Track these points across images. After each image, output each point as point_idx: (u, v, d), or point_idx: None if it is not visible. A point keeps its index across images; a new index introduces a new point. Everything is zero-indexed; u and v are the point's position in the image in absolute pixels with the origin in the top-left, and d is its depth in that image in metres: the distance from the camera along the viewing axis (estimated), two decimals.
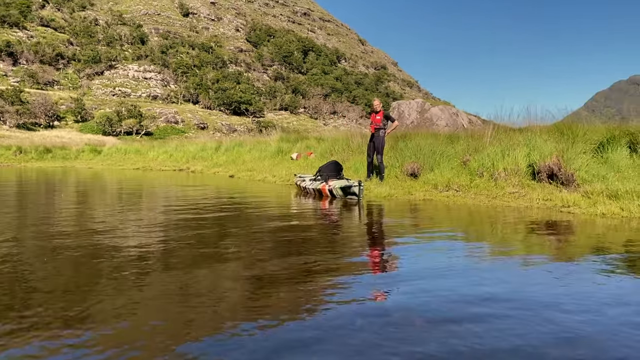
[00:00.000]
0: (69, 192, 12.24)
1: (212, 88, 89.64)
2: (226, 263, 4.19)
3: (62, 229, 5.99)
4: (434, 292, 3.33)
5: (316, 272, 3.85)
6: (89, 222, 6.77)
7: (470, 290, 3.35)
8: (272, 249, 4.84)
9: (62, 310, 2.94)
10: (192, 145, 27.71)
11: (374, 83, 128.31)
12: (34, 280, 3.64)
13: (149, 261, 4.23)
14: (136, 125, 68.02)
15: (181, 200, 9.93)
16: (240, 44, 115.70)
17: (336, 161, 10.86)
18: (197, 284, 3.49)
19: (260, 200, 9.95)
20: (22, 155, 32.22)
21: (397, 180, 10.70)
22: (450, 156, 10.81)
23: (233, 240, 5.38)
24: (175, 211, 8.04)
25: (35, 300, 3.14)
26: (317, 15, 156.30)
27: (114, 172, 21.95)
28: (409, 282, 3.57)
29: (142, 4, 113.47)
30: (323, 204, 8.86)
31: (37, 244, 4.99)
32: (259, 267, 4.02)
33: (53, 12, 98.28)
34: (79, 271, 3.90)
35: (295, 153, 18.56)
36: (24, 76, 77.50)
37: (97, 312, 2.93)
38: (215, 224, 6.60)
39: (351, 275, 3.77)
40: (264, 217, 7.33)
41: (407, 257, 4.47)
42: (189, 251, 4.68)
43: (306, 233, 5.84)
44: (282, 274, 3.76)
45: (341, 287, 3.43)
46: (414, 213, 7.63)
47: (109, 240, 5.17)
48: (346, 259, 4.42)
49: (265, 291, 3.38)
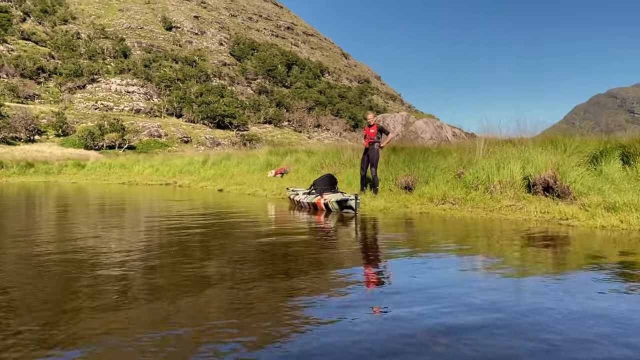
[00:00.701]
0: (56, 208, 11.95)
1: (196, 102, 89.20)
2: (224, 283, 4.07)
3: (50, 247, 5.80)
4: (438, 307, 3.25)
5: (314, 289, 3.75)
6: (78, 240, 6.57)
7: (477, 301, 3.29)
8: (269, 266, 4.72)
9: (42, 332, 2.86)
10: (179, 159, 27.44)
11: (357, 96, 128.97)
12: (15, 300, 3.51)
13: (138, 282, 4.08)
14: (119, 139, 67.30)
15: (174, 216, 9.74)
16: (224, 58, 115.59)
17: (331, 174, 10.78)
18: (182, 312, 3.37)
19: (253, 215, 9.81)
20: (3, 170, 31.51)
21: (391, 193, 10.66)
22: (444, 169, 10.81)
23: (226, 257, 5.25)
24: (169, 228, 7.87)
25: (14, 321, 3.06)
26: (300, 29, 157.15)
27: (99, 187, 21.58)
28: (413, 297, 3.48)
29: (124, 17, 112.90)
30: (318, 218, 8.76)
31: (21, 262, 4.80)
32: (249, 285, 3.90)
33: (34, 25, 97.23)
34: (65, 289, 3.74)
35: (272, 171, 18.33)
36: (4, 90, 76.31)
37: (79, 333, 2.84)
38: (208, 240, 6.45)
39: (350, 289, 3.68)
40: (259, 233, 7.20)
41: (412, 271, 4.39)
42: (190, 272, 4.54)
43: (303, 248, 5.74)
44: (280, 292, 3.65)
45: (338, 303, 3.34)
46: (411, 227, 7.57)
47: (101, 259, 5.00)
48: (346, 276, 4.32)
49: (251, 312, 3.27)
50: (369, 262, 5.11)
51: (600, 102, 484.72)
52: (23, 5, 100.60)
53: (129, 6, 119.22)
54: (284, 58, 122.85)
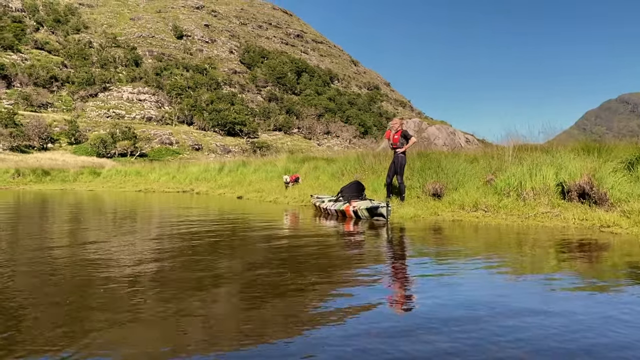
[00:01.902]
0: (80, 215, 11.92)
1: (207, 109, 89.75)
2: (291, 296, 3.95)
3: (81, 258, 5.72)
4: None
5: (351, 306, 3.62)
6: (107, 248, 6.48)
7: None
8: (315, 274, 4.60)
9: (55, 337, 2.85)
10: (195, 166, 27.43)
11: (367, 103, 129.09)
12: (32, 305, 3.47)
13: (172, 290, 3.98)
14: (131, 146, 67.76)
15: (201, 222, 9.64)
16: (234, 66, 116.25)
17: (358, 181, 10.64)
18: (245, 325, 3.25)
19: (280, 223, 9.70)
20: (20, 178, 31.74)
21: (419, 200, 10.50)
22: (472, 175, 10.64)
23: (273, 265, 5.14)
24: (208, 236, 7.77)
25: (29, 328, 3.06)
26: (310, 37, 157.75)
27: (116, 195, 21.60)
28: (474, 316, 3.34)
29: (136, 26, 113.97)
30: (347, 226, 8.63)
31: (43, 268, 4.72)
32: (291, 290, 3.79)
33: (47, 35, 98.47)
34: (87, 296, 3.65)
35: (286, 176, 18.04)
36: (18, 99, 77.27)
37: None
38: (243, 249, 6.34)
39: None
40: (299, 241, 7.09)
41: (458, 284, 4.24)
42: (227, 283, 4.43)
43: (342, 257, 5.61)
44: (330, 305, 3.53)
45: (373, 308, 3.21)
46: (448, 235, 7.41)
47: (141, 269, 4.91)
48: (389, 285, 4.19)
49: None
50: (419, 275, 4.97)
51: (611, 107, 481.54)
52: (36, 16, 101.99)
53: (140, 15, 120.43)
54: (293, 65, 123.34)
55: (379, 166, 14.10)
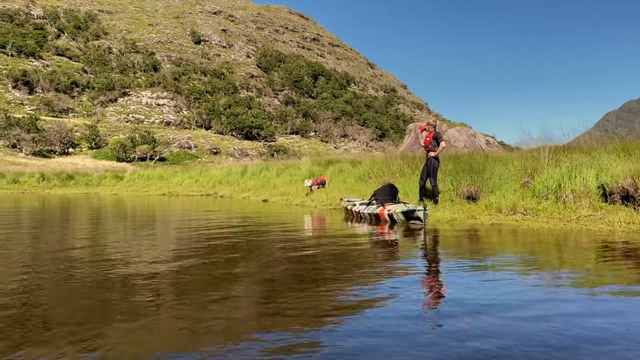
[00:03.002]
0: (110, 219, 11.96)
1: (224, 113, 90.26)
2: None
3: (117, 259, 5.67)
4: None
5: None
6: (144, 250, 6.44)
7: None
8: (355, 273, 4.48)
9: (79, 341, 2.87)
10: (217, 170, 27.51)
11: (383, 106, 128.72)
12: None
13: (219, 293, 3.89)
14: (150, 151, 68.38)
15: (236, 230, 9.58)
16: (251, 70, 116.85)
17: (392, 184, 10.48)
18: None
19: (316, 227, 9.60)
20: (45, 182, 32.20)
21: (453, 203, 10.32)
22: (508, 178, 10.44)
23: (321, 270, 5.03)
24: (248, 241, 7.70)
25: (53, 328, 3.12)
26: (326, 40, 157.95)
27: (141, 198, 21.73)
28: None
29: (154, 32, 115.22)
30: (384, 230, 8.49)
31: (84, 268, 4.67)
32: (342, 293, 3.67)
33: (68, 41, 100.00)
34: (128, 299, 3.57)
35: (308, 180, 17.79)
36: (40, 104, 78.54)
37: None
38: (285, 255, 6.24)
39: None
40: (340, 245, 6.98)
41: (527, 291, 4.09)
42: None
43: (386, 261, 5.49)
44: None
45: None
46: (491, 239, 7.24)
47: (184, 275, 4.84)
48: (441, 290, 4.05)
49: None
50: (468, 282, 4.81)
51: (632, 108, 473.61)
52: (57, 22, 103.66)
53: (158, 21, 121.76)
54: (310, 69, 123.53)
55: (407, 169, 13.94)
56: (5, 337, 2.94)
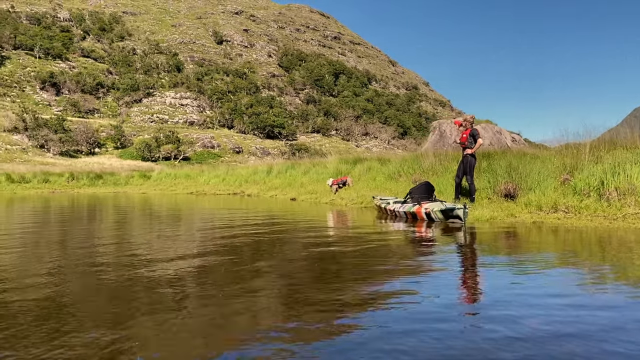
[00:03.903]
0: (145, 217, 12.05)
1: (246, 113, 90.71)
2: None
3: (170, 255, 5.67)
4: None
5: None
6: (186, 246, 6.44)
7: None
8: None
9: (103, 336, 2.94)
10: (243, 169, 27.64)
11: (405, 103, 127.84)
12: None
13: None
14: (174, 150, 69.10)
15: (272, 229, 9.55)
16: (273, 69, 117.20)
17: (428, 182, 10.33)
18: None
19: (354, 226, 9.51)
20: (74, 182, 32.76)
21: (490, 202, 10.14)
22: (547, 175, 10.20)
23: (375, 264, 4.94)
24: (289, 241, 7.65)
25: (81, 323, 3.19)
26: (347, 38, 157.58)
27: (170, 197, 21.92)
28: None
29: (177, 33, 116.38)
30: (420, 227, 8.37)
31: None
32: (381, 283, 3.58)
33: (93, 43, 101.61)
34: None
35: (331, 179, 17.61)
36: (67, 105, 79.96)
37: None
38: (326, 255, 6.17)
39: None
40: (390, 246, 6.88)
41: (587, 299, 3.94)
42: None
43: (437, 269, 5.38)
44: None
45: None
46: (535, 237, 7.06)
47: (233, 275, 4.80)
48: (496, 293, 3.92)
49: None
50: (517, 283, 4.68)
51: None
52: (83, 25, 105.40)
53: (181, 22, 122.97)
54: (331, 67, 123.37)
55: (439, 166, 13.76)
56: (35, 328, 3.06)
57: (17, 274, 4.73)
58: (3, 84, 78.60)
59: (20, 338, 2.89)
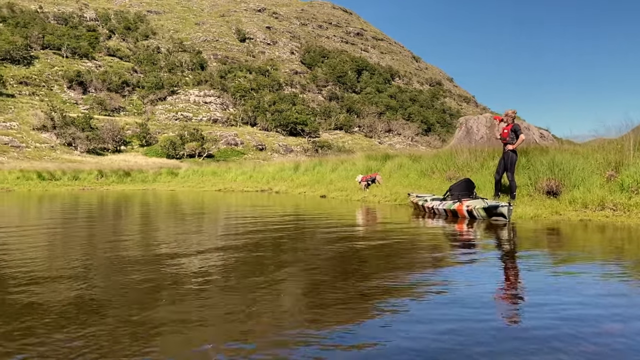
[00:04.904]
0: (181, 215, 12.09)
1: (269, 110, 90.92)
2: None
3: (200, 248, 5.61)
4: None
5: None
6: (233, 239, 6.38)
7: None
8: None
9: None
10: (270, 166, 27.67)
11: (429, 99, 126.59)
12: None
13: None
14: (198, 148, 69.67)
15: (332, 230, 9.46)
16: (295, 66, 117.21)
17: (469, 179, 10.11)
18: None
19: (393, 223, 9.37)
20: (103, 179, 33.24)
21: (532, 199, 9.88)
22: (591, 172, 9.89)
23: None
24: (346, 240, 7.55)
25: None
26: (370, 34, 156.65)
27: (199, 194, 22.04)
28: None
29: (201, 31, 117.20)
30: (460, 226, 8.17)
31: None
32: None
33: (119, 42, 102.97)
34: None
35: (360, 175, 17.46)
36: (93, 104, 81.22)
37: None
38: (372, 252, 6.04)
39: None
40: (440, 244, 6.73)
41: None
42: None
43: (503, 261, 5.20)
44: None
45: None
46: (585, 236, 6.83)
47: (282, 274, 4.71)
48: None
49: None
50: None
51: None
52: (109, 24, 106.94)
53: (204, 20, 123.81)
54: (354, 64, 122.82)
55: (475, 163, 13.50)
56: (62, 316, 3.22)
57: (61, 264, 4.77)
58: (32, 83, 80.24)
59: (54, 327, 3.03)
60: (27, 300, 3.60)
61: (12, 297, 3.69)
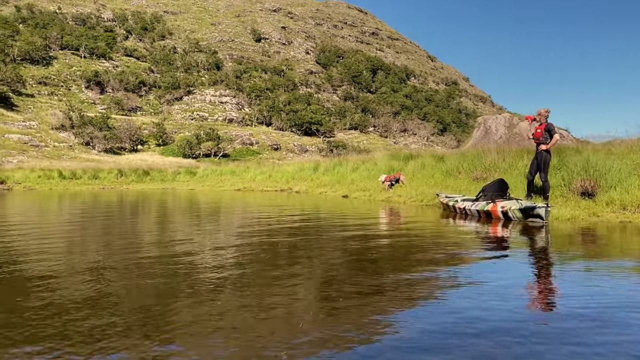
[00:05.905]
0: (207, 213, 12.05)
1: (284, 110, 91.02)
2: None
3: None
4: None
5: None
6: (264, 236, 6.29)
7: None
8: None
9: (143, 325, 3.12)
10: (290, 165, 27.61)
11: (445, 99, 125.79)
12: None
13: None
14: (214, 147, 69.94)
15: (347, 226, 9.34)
16: (310, 66, 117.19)
17: (502, 180, 9.92)
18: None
19: (426, 226, 9.22)
20: (123, 178, 33.44)
21: (566, 200, 9.66)
22: (627, 172, 9.65)
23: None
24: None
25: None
26: (385, 34, 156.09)
27: (219, 194, 22.04)
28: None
29: (217, 31, 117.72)
30: (494, 228, 8.00)
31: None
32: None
33: (135, 42, 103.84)
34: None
35: (383, 175, 17.31)
36: (110, 103, 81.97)
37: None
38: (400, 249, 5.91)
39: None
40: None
41: None
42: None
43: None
44: None
45: None
46: (628, 238, 6.62)
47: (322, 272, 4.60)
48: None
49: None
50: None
51: None
52: (126, 25, 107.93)
53: (220, 20, 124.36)
54: (369, 64, 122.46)
55: (503, 163, 13.28)
56: (79, 312, 3.34)
57: (89, 258, 4.71)
58: (51, 83, 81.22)
59: (73, 320, 3.18)
60: (47, 294, 3.78)
61: (34, 292, 3.88)
